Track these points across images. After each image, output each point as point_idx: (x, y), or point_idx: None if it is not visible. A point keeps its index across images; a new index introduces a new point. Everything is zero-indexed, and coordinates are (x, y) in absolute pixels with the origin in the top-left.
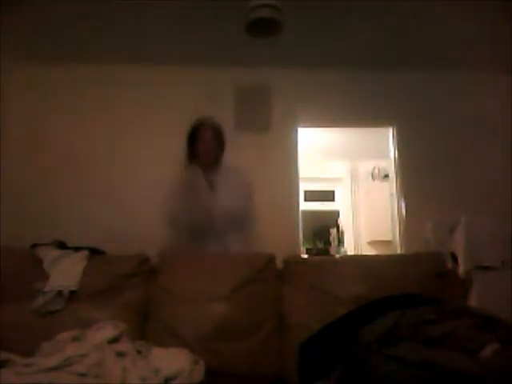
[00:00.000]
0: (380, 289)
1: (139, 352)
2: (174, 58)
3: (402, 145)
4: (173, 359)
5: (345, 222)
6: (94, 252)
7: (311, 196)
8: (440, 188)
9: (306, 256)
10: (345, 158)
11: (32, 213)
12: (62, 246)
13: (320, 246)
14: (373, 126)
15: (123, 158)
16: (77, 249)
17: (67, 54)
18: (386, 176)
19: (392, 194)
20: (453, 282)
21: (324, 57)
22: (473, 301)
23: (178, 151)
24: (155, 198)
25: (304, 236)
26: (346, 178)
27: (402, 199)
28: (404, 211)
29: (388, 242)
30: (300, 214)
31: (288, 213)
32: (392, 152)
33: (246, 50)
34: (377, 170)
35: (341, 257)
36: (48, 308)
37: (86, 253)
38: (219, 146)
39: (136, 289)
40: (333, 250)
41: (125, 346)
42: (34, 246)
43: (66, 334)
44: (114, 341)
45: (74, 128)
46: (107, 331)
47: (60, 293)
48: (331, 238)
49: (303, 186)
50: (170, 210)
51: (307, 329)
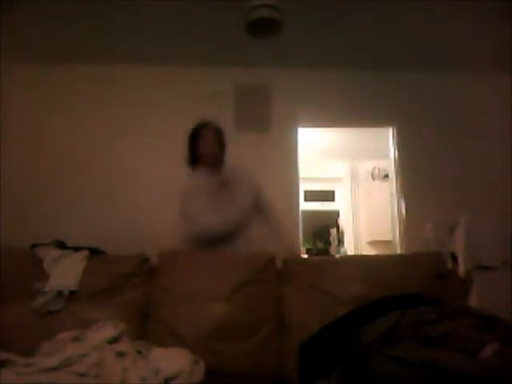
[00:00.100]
0: (380, 289)
1: (139, 352)
2: (174, 57)
3: (402, 145)
4: (173, 359)
5: (345, 222)
6: (94, 252)
7: (311, 196)
8: (440, 188)
9: (305, 256)
10: (345, 158)
11: (32, 213)
12: (62, 245)
13: (320, 246)
14: (373, 126)
15: (123, 158)
16: (77, 249)
17: (67, 53)
18: (386, 176)
19: (392, 194)
20: (453, 281)
21: (324, 57)
22: (473, 301)
23: (178, 151)
24: (155, 197)
25: (304, 236)
26: (346, 178)
27: (402, 199)
28: (404, 211)
29: (388, 242)
30: (300, 213)
31: (288, 213)
32: (392, 152)
33: (246, 49)
34: (377, 170)
35: (341, 257)
36: (48, 308)
37: (85, 253)
38: (220, 146)
39: (136, 289)
40: (333, 250)
41: (125, 345)
42: (34, 245)
43: (66, 334)
44: (114, 341)
45: (74, 128)
46: (107, 331)
47: (60, 293)
48: (331, 238)
49: (303, 186)
50: (185, 213)
51: (307, 329)
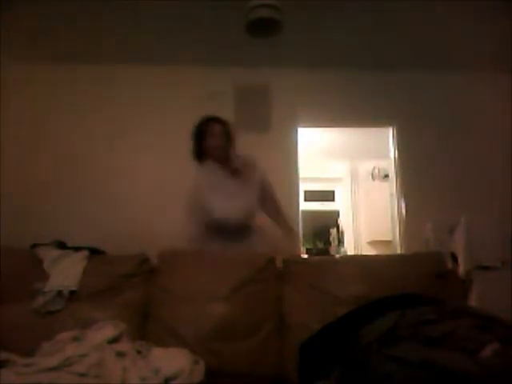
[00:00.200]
0: (380, 289)
1: (139, 352)
2: (174, 57)
3: (402, 145)
4: (173, 359)
5: (345, 222)
6: (94, 252)
7: (311, 196)
8: (440, 188)
9: (305, 256)
10: (345, 158)
11: (32, 213)
12: (62, 246)
13: (320, 246)
14: (373, 126)
15: (123, 158)
16: (77, 249)
17: (67, 53)
18: (386, 176)
19: (392, 194)
20: (453, 281)
21: (324, 57)
22: (473, 301)
23: (178, 151)
24: (155, 197)
25: (304, 236)
26: (346, 178)
27: (402, 199)
28: (404, 211)
29: (388, 242)
30: (300, 213)
31: (288, 213)
32: (392, 152)
33: (246, 49)
34: (377, 170)
35: (341, 257)
36: (48, 308)
37: (85, 253)
38: (228, 140)
39: (136, 289)
40: (333, 250)
41: (125, 345)
42: (34, 245)
43: (66, 334)
44: (114, 341)
45: (73, 128)
46: (107, 331)
47: (60, 293)
48: (331, 238)
49: (303, 186)
50: (198, 205)
51: (307, 329)
